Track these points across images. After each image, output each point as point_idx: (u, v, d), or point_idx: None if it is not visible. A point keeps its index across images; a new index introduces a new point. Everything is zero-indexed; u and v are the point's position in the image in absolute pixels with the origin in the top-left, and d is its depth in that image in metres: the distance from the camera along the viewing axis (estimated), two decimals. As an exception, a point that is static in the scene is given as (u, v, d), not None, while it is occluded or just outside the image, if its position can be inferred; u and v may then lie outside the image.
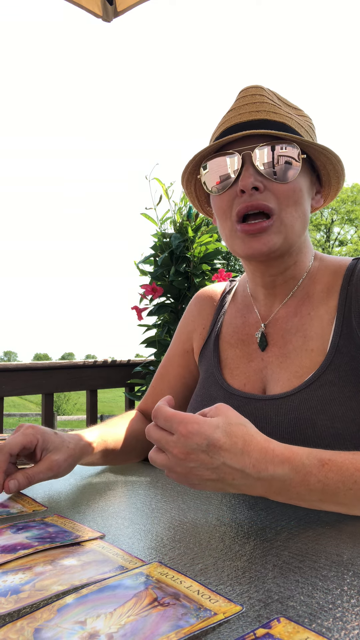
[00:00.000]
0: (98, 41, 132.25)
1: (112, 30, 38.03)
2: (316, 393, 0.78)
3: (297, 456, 0.60)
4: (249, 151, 0.80)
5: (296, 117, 0.85)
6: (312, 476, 0.59)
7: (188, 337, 1.04)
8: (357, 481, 0.59)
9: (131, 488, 0.82)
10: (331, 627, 0.39)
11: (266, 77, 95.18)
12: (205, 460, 0.60)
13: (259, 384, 0.87)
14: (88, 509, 0.71)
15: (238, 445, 0.60)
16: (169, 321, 2.60)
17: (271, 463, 0.59)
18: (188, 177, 0.92)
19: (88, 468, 0.97)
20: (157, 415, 0.62)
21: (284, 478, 0.59)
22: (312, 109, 79.58)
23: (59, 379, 2.47)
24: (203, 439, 0.60)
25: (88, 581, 0.47)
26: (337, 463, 0.60)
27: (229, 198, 0.83)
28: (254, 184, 0.79)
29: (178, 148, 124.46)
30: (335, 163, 0.84)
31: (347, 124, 78.43)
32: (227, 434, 0.60)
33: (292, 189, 0.80)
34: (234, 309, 0.98)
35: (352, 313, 0.81)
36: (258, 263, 0.86)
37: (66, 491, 0.81)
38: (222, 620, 0.39)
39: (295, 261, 0.88)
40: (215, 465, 0.60)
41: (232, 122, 0.83)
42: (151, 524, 0.64)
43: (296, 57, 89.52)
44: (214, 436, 0.59)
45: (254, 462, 0.59)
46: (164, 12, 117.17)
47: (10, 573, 0.49)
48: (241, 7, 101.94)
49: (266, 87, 0.87)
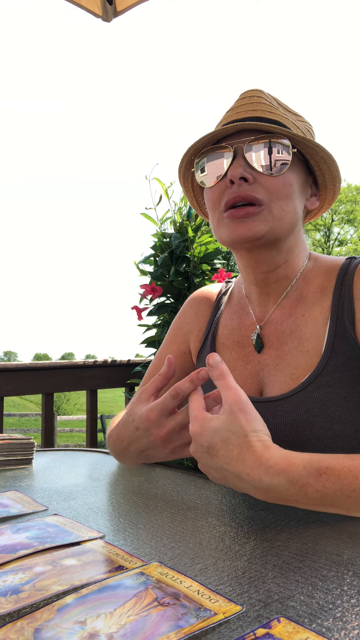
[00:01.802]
0: (98, 41, 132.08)
1: (112, 30, 37.94)
2: (313, 395, 0.78)
3: (293, 467, 0.59)
4: (241, 144, 0.81)
5: (294, 120, 0.86)
6: (309, 487, 0.58)
7: (184, 339, 1.03)
8: (355, 489, 0.58)
9: (131, 488, 0.82)
10: (331, 627, 0.39)
11: (266, 77, 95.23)
12: (208, 460, 0.64)
13: (255, 387, 0.87)
14: (88, 509, 0.71)
15: (234, 452, 0.60)
16: (168, 321, 2.60)
17: (266, 474, 0.59)
18: (184, 173, 0.93)
19: (88, 468, 0.97)
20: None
21: (280, 489, 0.59)
22: (312, 109, 79.61)
23: (59, 379, 2.47)
24: (204, 441, 0.63)
25: (88, 581, 0.47)
26: (335, 471, 0.59)
27: (219, 190, 0.83)
28: (242, 174, 0.79)
29: (178, 148, 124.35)
30: (329, 162, 0.84)
31: (347, 124, 78.41)
32: (224, 440, 0.61)
33: (282, 182, 0.81)
34: (230, 310, 0.98)
35: (345, 313, 0.81)
36: (248, 256, 0.86)
37: (66, 491, 0.81)
38: (222, 620, 0.39)
39: (287, 260, 0.88)
40: (215, 467, 0.63)
41: (227, 120, 0.85)
42: (151, 524, 0.64)
43: (296, 58, 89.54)
44: (212, 440, 0.62)
45: (249, 471, 0.59)
46: (164, 12, 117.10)
47: (10, 573, 0.49)
48: (241, 7, 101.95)
49: (266, 92, 0.88)
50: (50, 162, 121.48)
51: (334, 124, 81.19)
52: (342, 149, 72.66)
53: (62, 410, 29.53)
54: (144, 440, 0.79)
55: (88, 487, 0.83)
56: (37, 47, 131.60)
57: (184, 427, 0.75)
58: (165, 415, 0.75)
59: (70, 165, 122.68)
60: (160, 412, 0.75)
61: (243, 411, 0.62)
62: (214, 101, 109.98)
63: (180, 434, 0.75)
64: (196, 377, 0.71)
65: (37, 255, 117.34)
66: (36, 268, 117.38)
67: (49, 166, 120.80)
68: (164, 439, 0.75)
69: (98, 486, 0.84)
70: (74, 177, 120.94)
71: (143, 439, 0.79)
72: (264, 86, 0.89)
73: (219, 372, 0.66)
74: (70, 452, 1.15)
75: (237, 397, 0.63)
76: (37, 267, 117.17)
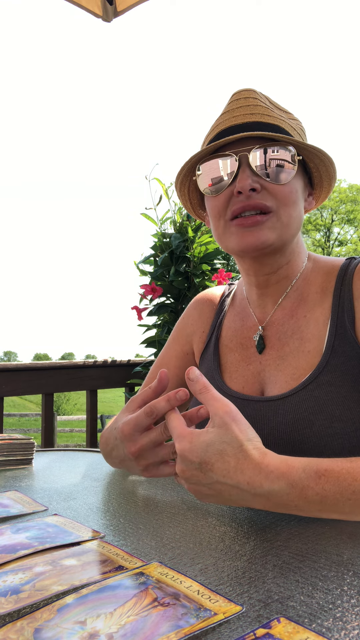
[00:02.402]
0: (98, 41, 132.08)
1: (112, 30, 37.93)
2: (313, 394, 0.78)
3: (293, 470, 0.59)
4: (246, 152, 0.80)
5: (288, 120, 0.86)
6: (309, 489, 0.58)
7: (187, 340, 1.04)
8: (355, 491, 0.58)
9: (131, 488, 0.82)
10: (331, 627, 0.39)
11: (266, 77, 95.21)
12: (200, 477, 0.61)
13: (257, 386, 0.87)
14: (88, 509, 0.71)
15: (231, 464, 0.59)
16: (168, 321, 2.60)
17: (266, 479, 0.58)
18: (182, 180, 0.92)
19: (88, 468, 0.97)
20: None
21: (280, 493, 0.58)
22: (312, 109, 79.59)
23: (59, 379, 2.48)
24: (195, 457, 0.60)
25: (88, 581, 0.47)
26: (335, 474, 0.58)
27: (224, 199, 0.83)
28: (252, 185, 0.79)
29: (178, 148, 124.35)
30: (328, 165, 0.84)
31: (346, 124, 78.41)
32: (219, 452, 0.59)
33: (289, 189, 0.81)
34: (233, 312, 0.99)
35: (345, 313, 0.81)
36: (252, 261, 0.86)
37: (66, 491, 0.81)
38: (222, 620, 0.39)
39: (289, 261, 0.88)
40: (209, 482, 0.61)
41: (226, 125, 0.84)
42: (151, 524, 0.64)
43: (297, 57, 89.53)
44: (205, 455, 0.60)
45: (248, 480, 0.58)
46: (164, 12, 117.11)
47: (10, 573, 0.49)
48: (241, 7, 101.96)
49: (258, 91, 0.88)
50: (51, 162, 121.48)
51: (334, 124, 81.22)
52: (342, 149, 72.68)
53: (62, 410, 29.54)
54: (121, 451, 0.77)
55: (88, 487, 0.83)
56: (37, 47, 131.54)
57: (157, 444, 0.72)
58: (139, 431, 0.72)
59: (70, 166, 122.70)
60: (134, 428, 0.72)
61: (235, 421, 0.61)
62: (214, 101, 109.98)
63: (154, 451, 0.73)
64: (173, 397, 0.69)
65: (37, 256, 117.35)
66: (36, 268, 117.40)
67: (49, 166, 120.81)
68: (135, 454, 0.73)
69: (98, 486, 0.84)
70: (74, 177, 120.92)
71: (120, 450, 0.77)
72: (265, 86, 0.89)
73: (201, 385, 0.65)
74: (70, 452, 1.15)
75: (227, 408, 0.62)
76: (37, 267, 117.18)
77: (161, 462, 0.74)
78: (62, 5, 3.80)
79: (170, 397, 0.69)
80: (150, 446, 0.72)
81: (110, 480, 0.88)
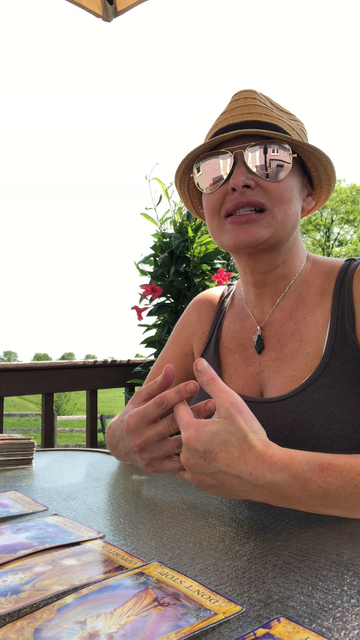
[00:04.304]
0: (98, 41, 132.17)
1: (112, 30, 37.90)
2: (313, 396, 0.78)
3: (296, 462, 0.59)
4: (241, 150, 0.80)
5: (288, 120, 0.86)
6: (312, 482, 0.58)
7: (187, 341, 1.04)
8: (357, 485, 0.58)
9: (131, 488, 0.82)
10: (331, 627, 0.39)
11: (266, 76, 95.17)
12: (203, 467, 0.61)
13: (256, 388, 0.87)
14: (88, 509, 0.71)
15: (234, 453, 0.59)
16: (168, 321, 2.60)
17: (269, 470, 0.58)
18: (181, 177, 0.93)
19: (88, 468, 0.97)
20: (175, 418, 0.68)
21: (283, 485, 0.58)
22: (312, 109, 79.58)
23: (59, 379, 2.48)
24: (200, 446, 0.61)
25: (88, 581, 0.47)
26: (338, 467, 0.59)
27: (219, 196, 0.83)
28: (246, 182, 0.79)
29: (178, 148, 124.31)
30: (325, 164, 0.84)
31: (346, 124, 78.39)
32: (224, 442, 0.60)
33: (284, 187, 0.81)
34: (232, 313, 0.99)
35: (345, 315, 0.81)
36: (247, 258, 0.86)
37: (66, 491, 0.81)
38: (222, 620, 0.39)
39: (285, 260, 0.88)
40: (212, 472, 0.61)
41: (224, 124, 0.84)
42: (151, 524, 0.64)
43: (297, 57, 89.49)
44: (210, 444, 0.60)
45: (251, 470, 0.59)
46: (164, 12, 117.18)
47: (10, 573, 0.49)
48: (241, 7, 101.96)
49: (259, 92, 0.88)
50: (51, 163, 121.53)
51: (333, 123, 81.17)
52: (342, 149, 72.62)
53: (62, 410, 29.54)
54: (126, 443, 0.77)
55: (88, 487, 0.83)
56: (37, 47, 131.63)
57: (163, 437, 0.73)
58: (146, 423, 0.72)
59: (70, 166, 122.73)
60: (141, 419, 0.72)
61: (241, 413, 0.62)
62: (214, 101, 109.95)
63: (158, 445, 0.73)
64: (184, 389, 0.70)
65: (37, 256, 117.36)
66: (36, 268, 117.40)
67: (50, 166, 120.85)
68: (140, 447, 0.73)
69: (98, 486, 0.84)
70: (74, 177, 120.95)
71: (126, 442, 0.77)
72: (265, 85, 0.90)
73: (208, 377, 0.65)
74: (70, 452, 1.16)
75: (233, 399, 0.63)
76: (37, 268, 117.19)
77: (165, 457, 0.74)
78: (63, 5, 3.77)
79: (181, 389, 0.70)
80: (155, 439, 0.72)
81: (110, 480, 0.88)
